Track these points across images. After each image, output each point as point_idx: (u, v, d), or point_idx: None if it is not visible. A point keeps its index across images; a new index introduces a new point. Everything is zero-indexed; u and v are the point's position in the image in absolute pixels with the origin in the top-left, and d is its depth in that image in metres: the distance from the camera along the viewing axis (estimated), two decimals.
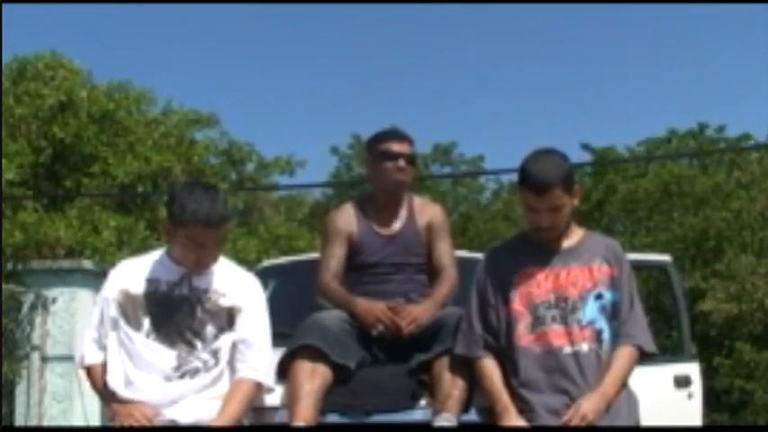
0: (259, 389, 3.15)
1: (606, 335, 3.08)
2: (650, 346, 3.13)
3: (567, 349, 3.04)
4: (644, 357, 3.15)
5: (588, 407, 2.95)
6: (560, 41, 35.29)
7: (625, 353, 3.08)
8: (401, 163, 3.67)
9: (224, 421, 2.99)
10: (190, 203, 2.95)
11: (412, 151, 3.73)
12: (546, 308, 3.08)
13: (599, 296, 3.10)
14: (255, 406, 3.25)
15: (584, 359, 3.04)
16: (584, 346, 3.04)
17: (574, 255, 3.15)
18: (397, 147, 3.69)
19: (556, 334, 3.06)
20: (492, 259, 3.27)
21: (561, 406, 3.00)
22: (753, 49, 33.06)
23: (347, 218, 3.74)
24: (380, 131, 3.85)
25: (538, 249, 3.17)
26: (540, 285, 3.11)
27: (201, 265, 3.07)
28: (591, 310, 3.08)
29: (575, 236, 3.21)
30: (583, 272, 3.12)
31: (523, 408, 3.02)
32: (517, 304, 3.11)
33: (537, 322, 3.08)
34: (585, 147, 19.26)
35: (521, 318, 3.10)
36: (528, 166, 3.10)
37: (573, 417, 2.94)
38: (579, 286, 3.10)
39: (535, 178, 3.04)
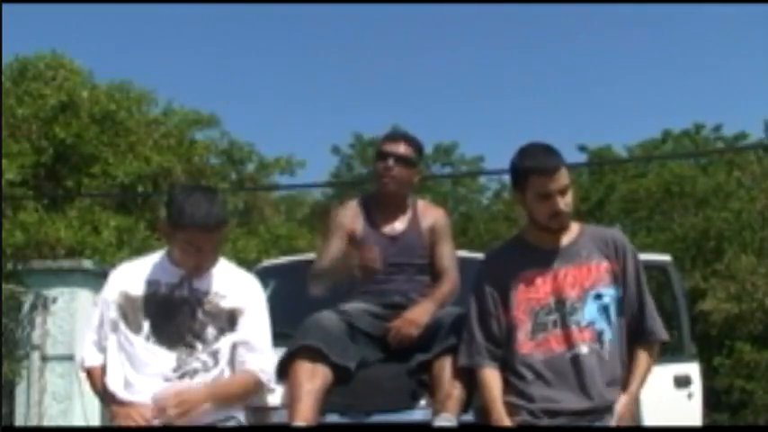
0: (259, 387, 3.15)
1: (607, 335, 3.06)
2: (665, 335, 3.17)
3: (567, 354, 3.03)
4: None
5: (619, 408, 3.01)
6: (559, 42, 35.29)
7: (645, 357, 3.12)
8: (389, 162, 3.67)
9: (208, 388, 2.99)
10: (188, 207, 2.95)
11: (406, 152, 3.71)
12: (546, 313, 3.06)
13: (598, 296, 3.07)
14: (255, 406, 3.26)
15: (585, 361, 3.02)
16: (584, 348, 3.02)
17: (571, 254, 3.11)
18: (388, 147, 3.71)
19: (557, 339, 3.04)
20: (489, 266, 3.24)
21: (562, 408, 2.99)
22: (747, 48, 33.10)
23: (351, 215, 3.74)
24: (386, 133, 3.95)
25: (534, 251, 3.14)
26: (540, 290, 3.08)
27: (200, 268, 3.07)
28: (590, 311, 3.06)
29: (571, 232, 3.17)
30: (581, 272, 3.09)
31: (523, 408, 3.01)
32: (517, 311, 3.09)
33: (538, 329, 3.06)
34: (582, 148, 19.28)
35: (521, 325, 3.07)
36: (529, 155, 3.08)
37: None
38: (578, 287, 3.07)
39: (544, 160, 3.04)
